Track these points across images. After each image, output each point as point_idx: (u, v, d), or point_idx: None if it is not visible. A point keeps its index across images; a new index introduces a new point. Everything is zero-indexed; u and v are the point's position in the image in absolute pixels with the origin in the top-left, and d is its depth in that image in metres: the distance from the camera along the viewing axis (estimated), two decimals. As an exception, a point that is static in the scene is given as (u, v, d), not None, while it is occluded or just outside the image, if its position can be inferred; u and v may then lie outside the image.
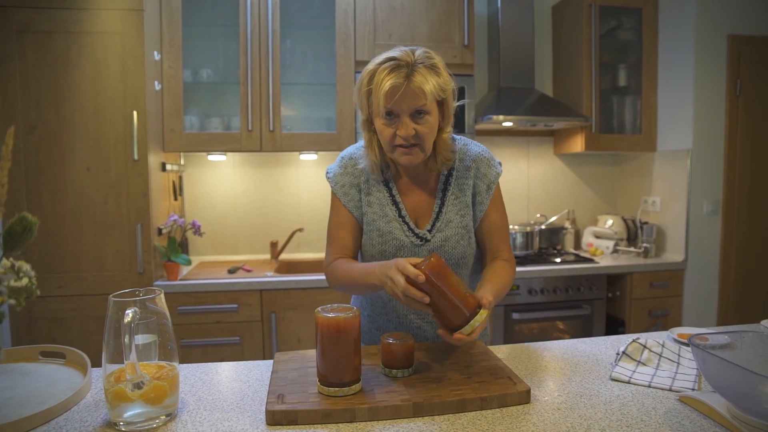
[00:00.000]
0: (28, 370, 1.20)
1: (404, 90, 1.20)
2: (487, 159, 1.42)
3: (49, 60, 2.36)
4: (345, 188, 1.40)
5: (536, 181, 3.58)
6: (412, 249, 1.36)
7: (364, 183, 1.40)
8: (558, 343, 1.44)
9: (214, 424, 0.97)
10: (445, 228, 1.37)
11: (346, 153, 1.45)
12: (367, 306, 1.48)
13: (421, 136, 1.26)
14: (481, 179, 1.39)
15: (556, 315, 2.94)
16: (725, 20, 3.01)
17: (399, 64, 1.22)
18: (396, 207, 1.38)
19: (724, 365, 0.88)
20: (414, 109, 1.23)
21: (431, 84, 1.22)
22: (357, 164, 1.41)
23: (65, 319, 2.44)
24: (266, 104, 2.76)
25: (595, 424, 0.96)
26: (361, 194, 1.40)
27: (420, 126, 1.25)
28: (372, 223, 1.38)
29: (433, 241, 1.36)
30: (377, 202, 1.39)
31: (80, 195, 2.42)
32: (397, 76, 1.20)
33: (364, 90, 1.27)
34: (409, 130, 1.24)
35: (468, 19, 2.91)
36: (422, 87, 1.21)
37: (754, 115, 3.08)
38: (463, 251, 1.38)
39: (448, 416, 1.00)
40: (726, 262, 3.12)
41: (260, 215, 3.23)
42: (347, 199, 1.40)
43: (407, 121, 1.24)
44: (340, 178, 1.41)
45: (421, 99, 1.22)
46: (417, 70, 1.21)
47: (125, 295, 0.96)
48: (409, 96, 1.21)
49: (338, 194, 1.40)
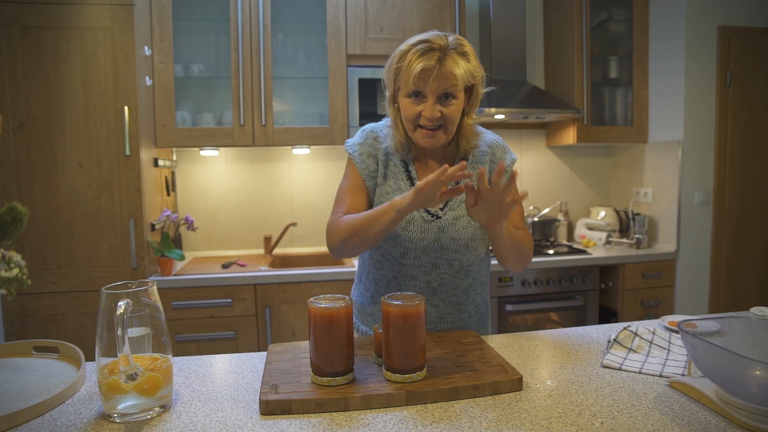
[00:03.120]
0: (21, 365, 1.20)
1: (436, 72, 1.22)
2: (502, 146, 1.45)
3: (39, 55, 2.34)
4: (363, 156, 1.41)
5: (529, 173, 3.59)
6: (421, 224, 1.36)
7: (383, 156, 1.41)
8: (550, 332, 1.45)
9: (208, 415, 0.97)
10: (458, 207, 1.37)
11: (368, 127, 1.46)
12: (371, 287, 1.47)
13: (446, 118, 1.27)
14: (497, 164, 1.38)
15: (549, 306, 2.95)
16: (715, 11, 3.02)
17: (432, 47, 1.23)
18: (411, 183, 1.39)
19: (713, 350, 0.89)
20: (442, 91, 1.25)
21: (462, 69, 1.24)
22: (378, 138, 1.43)
23: (59, 316, 2.43)
24: (258, 99, 2.75)
25: (587, 410, 0.97)
26: (378, 165, 1.41)
27: (446, 108, 1.26)
28: (385, 195, 1.39)
29: (444, 218, 1.37)
30: (393, 175, 1.40)
31: (72, 191, 2.41)
32: (429, 59, 1.22)
33: (393, 67, 1.29)
34: (435, 112, 1.26)
35: (459, 13, 2.91)
36: (453, 71, 1.23)
37: (744, 105, 3.10)
38: (472, 234, 1.37)
39: (440, 404, 1.01)
40: (717, 252, 3.14)
41: (253, 210, 3.23)
42: (363, 166, 1.40)
43: (433, 102, 1.25)
44: (359, 147, 1.42)
45: (452, 82, 1.24)
46: (449, 55, 1.23)
47: (118, 287, 0.96)
48: (440, 78, 1.23)
49: (355, 160, 1.41)
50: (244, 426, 0.93)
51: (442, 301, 1.41)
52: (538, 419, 0.94)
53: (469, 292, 1.44)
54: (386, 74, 1.33)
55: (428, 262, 1.38)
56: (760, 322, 1.04)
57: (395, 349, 1.05)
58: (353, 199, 1.39)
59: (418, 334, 1.06)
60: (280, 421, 0.95)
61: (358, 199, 1.39)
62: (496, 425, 0.92)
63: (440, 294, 1.41)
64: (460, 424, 0.93)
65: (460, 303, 1.43)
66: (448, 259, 1.38)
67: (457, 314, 1.44)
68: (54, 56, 2.35)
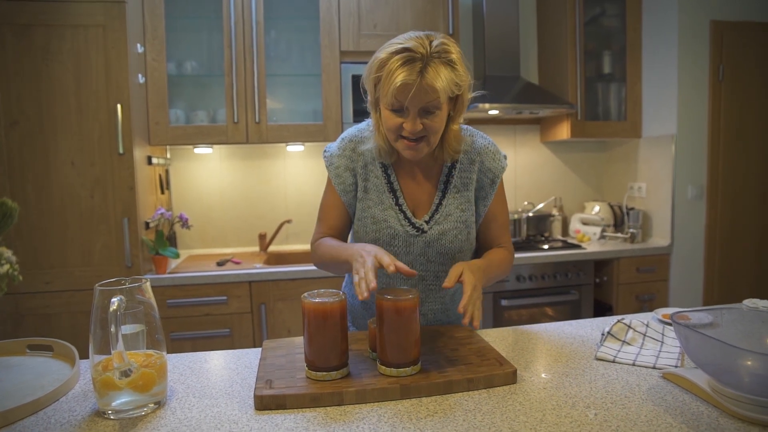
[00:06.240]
0: (15, 363, 1.20)
1: (416, 87, 1.14)
2: (492, 152, 1.38)
3: (30, 53, 2.33)
4: (339, 170, 1.37)
5: (523, 168, 3.60)
6: (406, 239, 1.34)
7: (362, 168, 1.37)
8: (544, 326, 1.46)
9: (203, 411, 0.97)
10: (444, 221, 1.34)
11: (347, 134, 1.40)
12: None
13: (428, 130, 1.21)
14: (485, 173, 1.37)
15: (544, 301, 2.96)
16: (708, 6, 3.03)
17: (413, 56, 1.14)
18: (393, 195, 1.36)
19: (705, 341, 0.90)
20: (424, 105, 1.17)
21: (445, 81, 1.15)
22: (357, 148, 1.37)
23: (53, 315, 2.42)
24: (252, 96, 2.75)
25: (580, 402, 0.98)
26: (357, 179, 1.37)
27: (428, 121, 1.20)
28: (367, 209, 1.36)
29: (430, 233, 1.34)
30: (374, 188, 1.36)
31: (65, 190, 2.40)
32: (410, 71, 1.14)
33: (372, 76, 1.21)
34: (417, 125, 1.19)
35: (453, 8, 2.91)
36: (434, 84, 1.14)
37: (737, 99, 3.11)
38: (460, 246, 1.35)
39: (435, 398, 1.01)
40: (711, 246, 3.16)
41: (248, 207, 3.23)
42: (339, 181, 1.37)
43: (415, 116, 1.19)
44: (336, 159, 1.38)
45: (433, 96, 1.16)
46: (431, 65, 1.15)
47: (111, 284, 0.96)
48: (421, 92, 1.15)
49: (331, 176, 1.39)
50: (238, 421, 0.93)
51: (430, 310, 1.42)
52: (532, 411, 0.94)
53: (456, 297, 1.45)
54: (366, 82, 1.25)
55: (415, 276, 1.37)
56: (752, 313, 1.04)
57: (389, 343, 1.05)
58: (331, 217, 1.40)
59: (412, 328, 1.06)
60: (274, 416, 0.95)
61: (336, 217, 1.40)
62: (491, 418, 0.92)
63: (428, 303, 1.41)
64: (454, 417, 0.93)
65: (447, 309, 1.44)
66: (435, 272, 1.38)
67: (446, 319, 1.45)
68: (45, 54, 2.34)
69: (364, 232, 1.37)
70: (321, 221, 1.41)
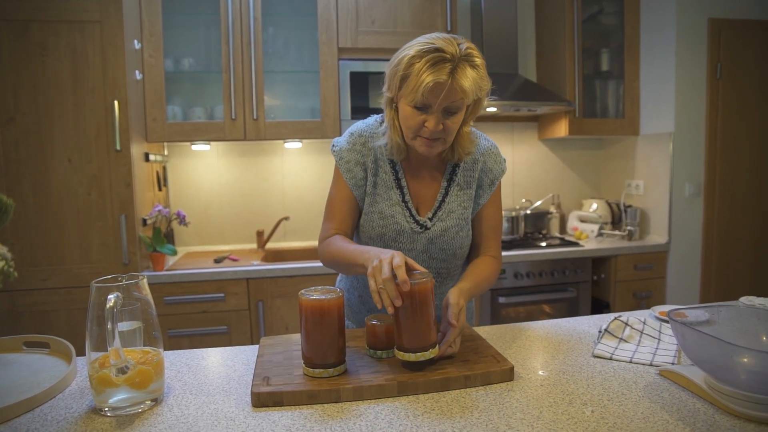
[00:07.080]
0: (11, 360, 1.19)
1: (447, 87, 1.16)
2: (494, 154, 1.41)
3: (26, 49, 2.31)
4: (350, 165, 1.37)
5: (521, 166, 3.60)
6: (411, 235, 1.36)
7: (372, 163, 1.37)
8: (542, 323, 1.46)
9: (200, 408, 0.97)
10: (446, 218, 1.37)
11: (356, 129, 1.40)
12: (359, 286, 1.48)
13: (447, 131, 1.24)
14: (486, 173, 1.40)
15: (542, 298, 2.97)
16: (706, 4, 3.03)
17: (444, 57, 1.15)
18: (400, 191, 1.37)
19: (702, 338, 0.90)
20: (449, 105, 1.19)
21: (471, 83, 1.17)
22: (367, 142, 1.38)
23: (51, 312, 2.42)
24: (249, 93, 2.74)
25: (577, 399, 0.98)
26: (367, 173, 1.37)
27: (448, 121, 1.22)
28: (375, 204, 1.37)
29: (433, 229, 1.36)
30: (383, 183, 1.37)
31: (62, 187, 2.39)
32: (441, 72, 1.15)
33: (400, 74, 1.20)
34: (439, 125, 1.21)
35: (451, 5, 2.91)
36: (463, 86, 1.16)
37: (735, 97, 3.11)
38: (461, 242, 1.38)
39: (432, 395, 1.01)
40: (708, 244, 3.16)
41: (246, 204, 3.22)
42: (350, 176, 1.37)
43: (438, 116, 1.21)
44: (347, 154, 1.38)
45: (460, 96, 1.18)
46: (461, 67, 1.16)
47: (108, 281, 0.96)
48: (451, 93, 1.17)
49: (342, 170, 1.38)
50: (235, 418, 0.93)
51: None
52: (530, 408, 0.95)
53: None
54: (390, 78, 1.25)
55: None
56: (749, 310, 1.05)
57: (406, 328, 1.05)
58: (342, 210, 1.38)
59: (427, 311, 1.05)
60: (272, 413, 0.95)
61: (346, 211, 1.38)
62: (488, 415, 0.92)
63: None
64: (451, 414, 0.93)
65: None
66: (436, 268, 1.40)
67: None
68: (41, 50, 2.33)
69: (370, 227, 1.37)
70: (331, 217, 1.39)
